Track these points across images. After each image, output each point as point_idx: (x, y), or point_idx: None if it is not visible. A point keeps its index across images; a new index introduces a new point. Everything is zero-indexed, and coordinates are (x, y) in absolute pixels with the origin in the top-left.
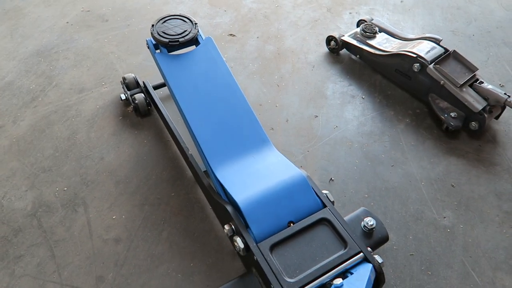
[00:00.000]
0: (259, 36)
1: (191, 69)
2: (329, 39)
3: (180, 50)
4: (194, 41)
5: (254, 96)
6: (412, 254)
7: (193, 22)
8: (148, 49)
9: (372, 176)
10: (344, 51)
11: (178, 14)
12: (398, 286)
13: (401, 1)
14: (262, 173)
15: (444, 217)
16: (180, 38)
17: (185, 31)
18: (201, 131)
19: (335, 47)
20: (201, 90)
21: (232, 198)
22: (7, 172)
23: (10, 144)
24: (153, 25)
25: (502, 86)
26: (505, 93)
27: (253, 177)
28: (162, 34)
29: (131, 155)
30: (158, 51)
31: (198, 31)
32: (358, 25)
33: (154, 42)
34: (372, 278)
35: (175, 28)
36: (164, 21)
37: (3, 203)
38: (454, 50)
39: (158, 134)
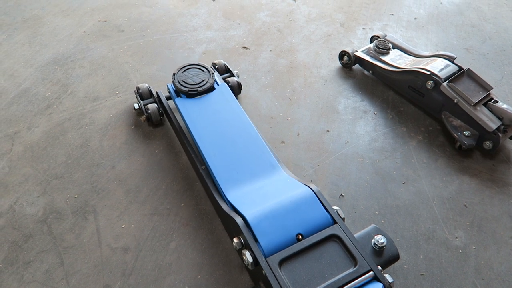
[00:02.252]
0: (272, 49)
1: (206, 110)
2: (342, 54)
3: None
4: (211, 89)
5: (266, 108)
6: (422, 274)
7: (210, 72)
8: (161, 60)
9: (383, 193)
10: (356, 66)
11: (197, 63)
12: None
13: (415, 18)
14: (271, 192)
15: (456, 237)
16: (199, 87)
17: (203, 80)
18: (215, 161)
19: (348, 62)
20: (215, 126)
21: (241, 213)
22: (20, 177)
23: (24, 150)
24: (174, 74)
25: None
26: None
27: (262, 196)
28: (183, 83)
29: (142, 164)
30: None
31: (214, 80)
32: (371, 41)
33: (174, 88)
34: None
35: (194, 78)
36: (184, 70)
37: (15, 209)
38: (469, 68)
39: (170, 144)
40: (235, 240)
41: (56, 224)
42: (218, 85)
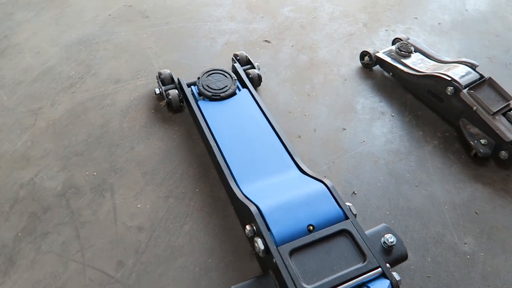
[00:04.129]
0: (293, 44)
1: (227, 112)
2: (363, 54)
3: None
4: (233, 94)
5: (284, 103)
6: (429, 276)
7: (233, 78)
8: (184, 48)
9: (395, 194)
10: (377, 67)
11: (221, 69)
12: None
13: (439, 23)
14: (285, 186)
15: (465, 243)
16: (221, 93)
17: (226, 86)
18: (232, 158)
19: (369, 63)
20: (234, 127)
21: (255, 203)
22: (42, 152)
23: (46, 126)
24: (199, 78)
25: None
26: None
27: (276, 190)
28: (206, 88)
29: (160, 148)
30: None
31: (237, 86)
32: (393, 43)
33: (198, 91)
34: None
35: (217, 83)
36: (209, 75)
37: (35, 181)
38: (490, 77)
39: (188, 130)
40: (247, 227)
41: (74, 199)
42: (239, 90)
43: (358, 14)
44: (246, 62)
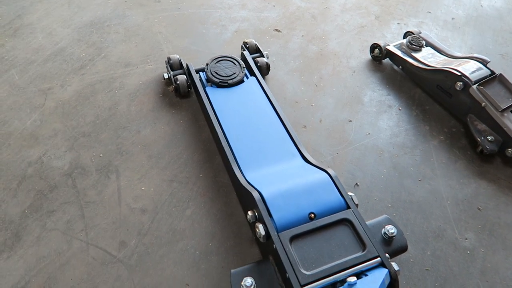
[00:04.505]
0: (304, 34)
1: (234, 100)
2: (374, 47)
3: None
4: (240, 81)
5: (292, 92)
6: (428, 269)
7: (241, 66)
8: (194, 34)
9: (398, 187)
10: (387, 60)
11: (230, 56)
12: None
13: (452, 18)
14: (288, 175)
15: (466, 239)
16: (229, 80)
17: (234, 73)
18: (237, 145)
19: (379, 55)
20: (240, 114)
21: (257, 189)
22: (50, 131)
23: (55, 106)
24: (207, 64)
25: None
26: None
27: (279, 178)
28: (214, 74)
29: (166, 132)
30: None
31: (245, 74)
32: (404, 37)
33: (206, 77)
34: (386, 283)
35: (225, 70)
36: (217, 61)
37: (43, 160)
38: (501, 74)
39: (194, 116)
40: (249, 213)
41: (80, 179)
42: (247, 78)
43: (370, 6)
44: (255, 50)
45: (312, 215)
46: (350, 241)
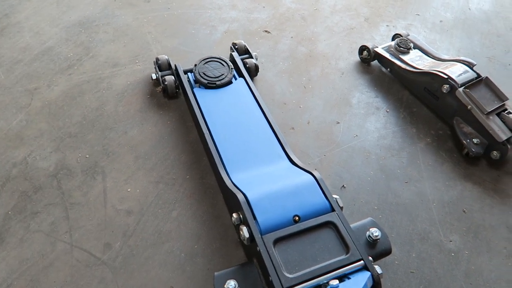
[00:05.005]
0: (293, 36)
1: (222, 101)
2: (362, 49)
3: None
4: (229, 82)
5: (280, 94)
6: (412, 272)
7: (230, 67)
8: (183, 34)
9: (384, 189)
10: (375, 62)
11: (218, 57)
12: None
13: (440, 21)
14: (274, 177)
15: (451, 241)
16: (217, 81)
17: (222, 74)
18: (224, 145)
19: (367, 58)
20: (228, 115)
21: (242, 191)
22: (36, 132)
23: (42, 106)
24: (195, 65)
25: None
26: None
27: (265, 180)
28: (203, 75)
29: (153, 133)
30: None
31: (233, 75)
32: (393, 39)
33: (194, 78)
34: (369, 286)
35: (214, 71)
36: (206, 62)
37: (28, 161)
38: (487, 77)
39: (182, 117)
40: (234, 215)
41: (65, 180)
42: (236, 79)
43: (360, 8)
44: (244, 51)
45: (297, 218)
46: (334, 244)
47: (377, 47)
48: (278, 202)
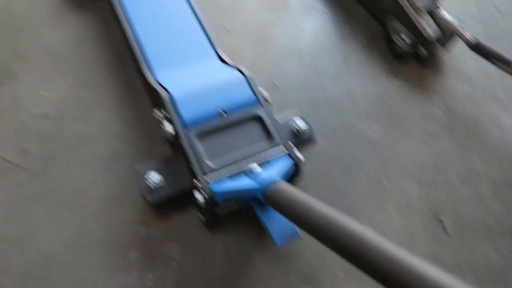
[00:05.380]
0: None
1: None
2: None
3: None
4: None
5: None
6: (335, 159)
7: None
8: None
9: (315, 87)
10: None
11: None
12: (315, 184)
13: None
14: (201, 74)
15: (373, 131)
16: None
17: None
18: (148, 44)
19: None
20: (154, 14)
21: (167, 89)
22: None
23: None
24: None
25: (463, 23)
26: (461, 26)
27: (191, 77)
28: None
29: (72, 34)
30: None
31: None
32: None
33: None
34: (290, 170)
35: None
36: None
37: None
38: None
39: (105, 19)
40: (156, 111)
41: None
42: None
43: None
44: None
45: (223, 112)
46: (257, 134)
47: None
48: (204, 97)
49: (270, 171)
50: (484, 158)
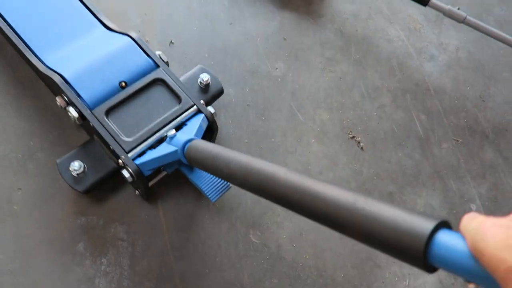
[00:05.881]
0: None
1: None
2: None
3: None
4: None
5: None
6: (248, 105)
7: None
8: None
9: (211, 35)
10: None
11: None
12: (236, 133)
13: None
14: (90, 48)
15: (276, 69)
16: None
17: None
18: (27, 30)
19: None
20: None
21: (59, 73)
22: None
23: None
24: None
25: None
26: None
27: (81, 54)
28: None
29: None
30: None
31: None
32: None
33: None
34: (204, 126)
35: None
36: None
37: None
38: None
39: None
40: (58, 99)
41: None
42: None
43: None
44: None
45: (123, 84)
46: (165, 98)
47: None
48: (100, 73)
49: (185, 132)
50: (380, 72)
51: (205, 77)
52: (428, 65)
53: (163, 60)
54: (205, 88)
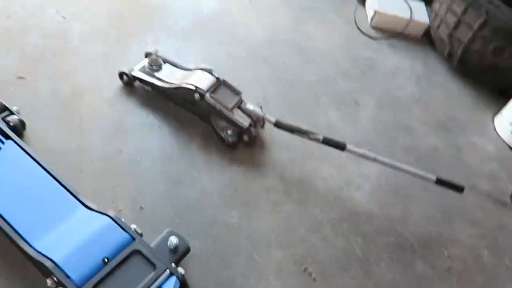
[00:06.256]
0: (50, 76)
1: None
2: (121, 74)
3: None
4: None
5: (56, 141)
6: (211, 253)
7: None
8: None
9: (175, 197)
10: (138, 83)
11: None
12: (206, 283)
13: (182, 28)
14: (74, 230)
15: (232, 217)
16: None
17: None
18: (15, 217)
19: (128, 82)
20: (8, 185)
21: (49, 258)
22: None
23: None
24: None
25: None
26: (262, 110)
27: (67, 237)
28: None
29: None
30: None
31: None
32: (146, 56)
33: None
34: (177, 287)
35: None
36: None
37: None
38: (223, 79)
39: None
40: (48, 281)
41: None
42: (3, 143)
43: (108, 29)
44: (2, 109)
45: (106, 260)
46: (142, 267)
47: (133, 69)
48: (85, 253)
49: None
50: (320, 207)
51: (174, 240)
52: (357, 194)
53: (137, 233)
54: (174, 249)
